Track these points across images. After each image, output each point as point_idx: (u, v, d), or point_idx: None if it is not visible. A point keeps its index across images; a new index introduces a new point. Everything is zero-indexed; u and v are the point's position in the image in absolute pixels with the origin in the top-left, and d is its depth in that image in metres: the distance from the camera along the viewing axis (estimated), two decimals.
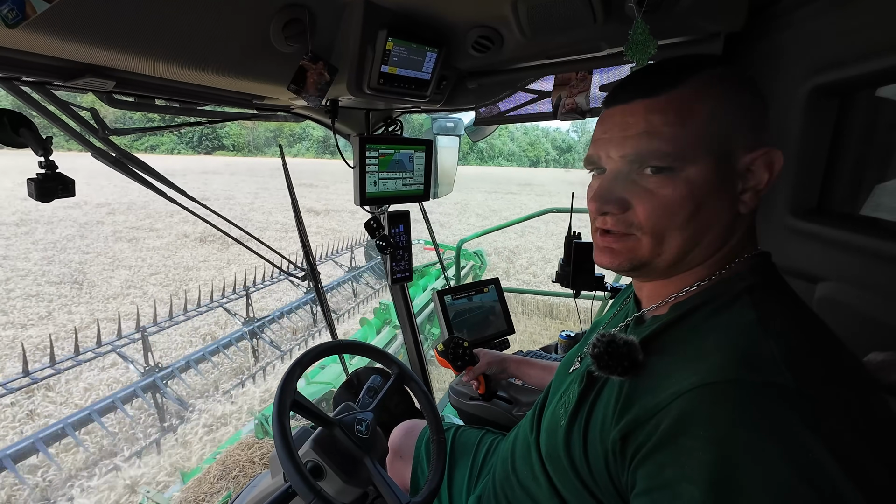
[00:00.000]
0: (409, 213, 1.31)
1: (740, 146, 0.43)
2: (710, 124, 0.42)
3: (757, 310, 0.41)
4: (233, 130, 45.46)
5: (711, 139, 0.42)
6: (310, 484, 0.59)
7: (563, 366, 0.66)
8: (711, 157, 0.42)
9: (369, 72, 0.83)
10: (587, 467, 0.47)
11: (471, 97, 1.12)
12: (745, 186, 0.44)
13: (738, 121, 0.43)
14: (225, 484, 2.57)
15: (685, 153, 0.42)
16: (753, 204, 0.44)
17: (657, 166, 0.43)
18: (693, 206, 0.43)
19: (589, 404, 0.49)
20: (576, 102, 0.94)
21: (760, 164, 0.43)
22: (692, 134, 0.42)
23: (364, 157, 1.05)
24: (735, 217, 0.45)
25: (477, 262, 6.04)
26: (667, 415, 0.38)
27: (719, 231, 0.45)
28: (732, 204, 0.44)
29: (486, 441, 0.88)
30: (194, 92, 0.86)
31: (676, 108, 0.43)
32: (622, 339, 0.44)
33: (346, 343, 0.85)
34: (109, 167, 0.92)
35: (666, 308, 0.48)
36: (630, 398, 0.43)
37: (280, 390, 0.66)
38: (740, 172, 0.43)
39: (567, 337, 1.41)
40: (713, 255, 0.46)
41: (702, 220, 0.43)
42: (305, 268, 1.43)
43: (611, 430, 0.43)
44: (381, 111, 1.23)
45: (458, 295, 1.30)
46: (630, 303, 0.58)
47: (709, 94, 0.43)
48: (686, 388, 0.37)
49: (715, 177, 0.42)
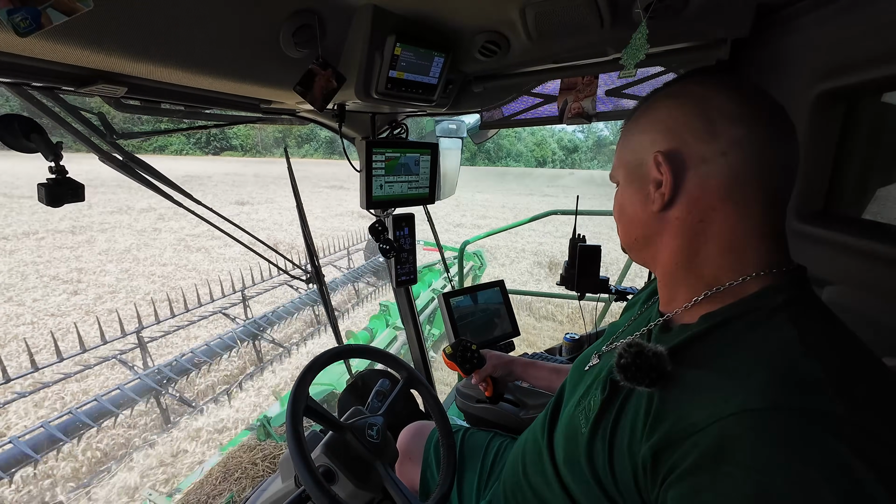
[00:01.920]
0: (413, 215, 1.32)
1: (648, 153, 0.49)
2: (628, 141, 0.53)
3: (797, 326, 0.40)
4: (241, 131, 45.37)
5: (628, 153, 0.53)
6: (324, 489, 0.59)
7: (578, 364, 0.66)
8: (625, 167, 0.53)
9: (377, 77, 0.84)
10: (612, 478, 0.46)
11: (476, 101, 1.13)
12: (655, 188, 0.49)
13: (647, 133, 0.50)
14: (227, 486, 2.58)
15: (616, 170, 0.56)
16: (659, 203, 0.48)
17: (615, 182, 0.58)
18: (619, 206, 0.56)
19: (614, 414, 0.48)
20: (582, 107, 0.94)
21: (660, 169, 0.48)
22: (621, 154, 0.55)
23: (370, 160, 1.05)
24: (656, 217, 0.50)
25: (476, 263, 6.05)
26: (705, 437, 0.37)
27: (644, 228, 0.52)
28: (645, 204, 0.50)
29: (494, 444, 0.89)
30: (202, 96, 0.86)
31: (622, 136, 0.55)
32: (651, 349, 0.44)
33: (355, 347, 0.85)
34: (116, 171, 0.92)
35: (695, 316, 0.47)
36: (661, 412, 0.42)
37: (293, 396, 0.67)
38: (650, 176, 0.49)
39: (572, 339, 1.41)
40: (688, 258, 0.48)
41: (626, 217, 0.54)
42: (310, 270, 1.43)
43: (641, 445, 0.42)
44: (386, 115, 1.23)
45: (463, 297, 1.31)
46: (653, 307, 0.58)
47: (636, 119, 0.53)
48: (727, 411, 0.36)
49: (627, 183, 0.53)
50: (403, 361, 0.89)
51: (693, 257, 0.48)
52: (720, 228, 0.46)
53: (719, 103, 0.45)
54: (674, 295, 0.51)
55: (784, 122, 0.45)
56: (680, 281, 0.50)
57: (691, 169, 0.46)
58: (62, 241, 8.62)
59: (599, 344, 0.65)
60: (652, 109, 0.51)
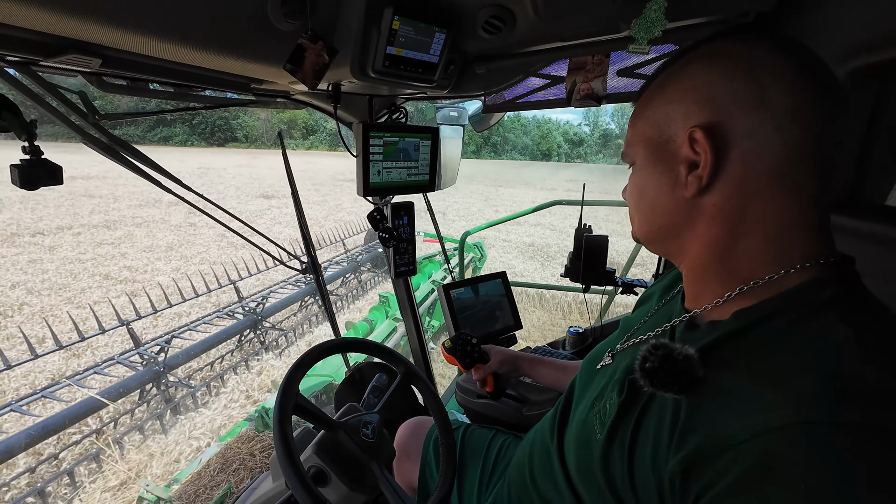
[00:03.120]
0: (413, 204, 1.27)
1: (679, 128, 0.42)
2: (651, 113, 0.46)
3: (851, 326, 0.35)
4: (246, 122, 45.06)
5: (649, 127, 0.45)
6: (313, 495, 0.55)
7: (590, 362, 0.61)
8: (646, 145, 0.46)
9: (374, 53, 0.78)
10: (632, 492, 0.42)
11: (479, 83, 1.07)
12: (688, 170, 0.42)
13: (676, 103, 0.43)
14: (225, 477, 2.57)
15: (632, 147, 0.49)
16: (694, 187, 0.41)
17: (630, 163, 0.51)
18: (638, 191, 0.49)
19: (634, 420, 0.43)
20: (591, 88, 0.89)
21: (696, 147, 0.41)
22: (638, 126, 0.47)
23: (367, 145, 1.00)
24: (683, 203, 0.43)
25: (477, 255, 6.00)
26: (746, 453, 0.32)
27: (671, 216, 0.45)
28: (673, 188, 0.44)
29: (497, 442, 0.85)
30: (189, 74, 0.81)
31: (639, 107, 0.48)
32: (681, 352, 0.39)
33: (349, 341, 0.81)
34: (100, 154, 0.87)
35: (726, 313, 0.42)
36: (692, 421, 0.37)
37: (281, 393, 0.62)
38: (680, 156, 0.42)
39: (576, 332, 1.37)
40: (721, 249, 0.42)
41: (647, 203, 0.48)
42: (306, 260, 1.39)
43: (668, 458, 0.37)
44: (385, 97, 1.18)
45: (463, 289, 1.26)
46: (676, 301, 0.53)
47: (662, 85, 0.45)
48: (773, 424, 0.32)
49: (649, 163, 0.46)
50: (401, 355, 0.84)
51: (729, 249, 0.42)
52: (764, 216, 0.40)
53: (772, 65, 0.38)
54: (703, 290, 0.45)
55: (841, 91, 0.39)
56: (711, 275, 0.44)
57: (735, 146, 0.39)
58: (100, 237, 8.09)
59: (612, 341, 0.60)
60: (683, 73, 0.43)
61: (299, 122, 47.26)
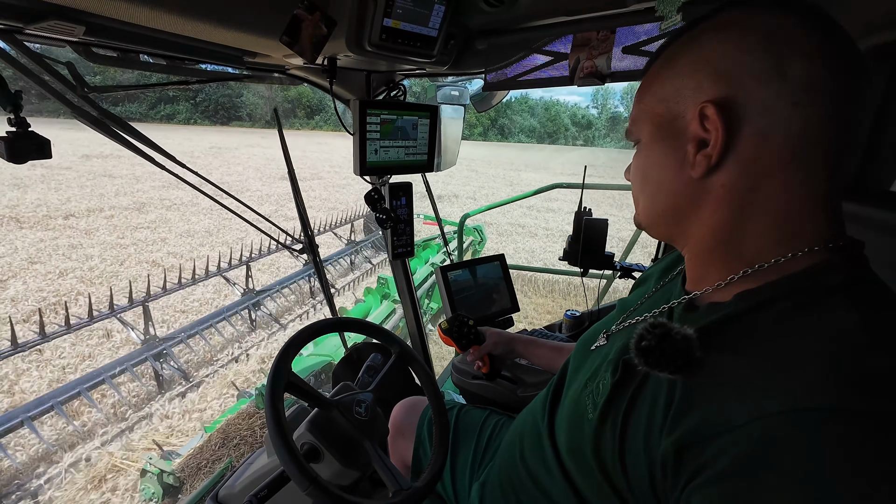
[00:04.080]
0: (411, 184, 1.25)
1: (689, 104, 0.40)
2: (659, 88, 0.43)
3: (858, 312, 0.33)
4: (250, 100, 44.35)
5: (657, 103, 0.43)
6: (306, 472, 0.56)
7: (584, 343, 0.60)
8: (653, 122, 0.44)
9: (370, 25, 0.75)
10: (622, 473, 0.41)
11: (480, 59, 1.04)
12: (697, 149, 0.40)
13: (686, 77, 0.40)
14: (226, 451, 2.62)
15: (637, 124, 0.46)
16: (703, 168, 0.39)
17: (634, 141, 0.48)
18: (642, 171, 0.47)
19: (627, 400, 0.42)
20: (595, 65, 0.86)
21: (699, 121, 0.39)
22: (644, 102, 0.45)
23: (364, 123, 0.98)
24: (690, 183, 0.41)
25: (476, 238, 5.98)
26: (743, 437, 0.31)
27: (678, 198, 0.43)
28: (680, 168, 0.42)
29: (490, 422, 0.86)
30: (179, 45, 0.79)
31: (647, 82, 0.45)
32: (680, 331, 0.38)
33: (343, 321, 0.81)
34: (90, 127, 0.85)
35: (728, 294, 0.40)
36: (687, 403, 0.36)
37: (273, 371, 0.62)
38: (689, 134, 0.40)
39: (572, 316, 1.37)
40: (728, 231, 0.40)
41: (652, 184, 0.46)
42: (304, 241, 1.38)
43: (660, 439, 0.37)
44: (382, 73, 1.15)
45: (461, 271, 1.26)
46: (675, 282, 0.51)
47: (671, 58, 0.42)
48: (773, 408, 0.31)
49: (655, 142, 0.44)
50: (396, 336, 0.84)
51: (736, 231, 0.40)
52: (774, 197, 0.38)
53: (790, 35, 0.35)
54: (705, 273, 0.44)
55: (864, 65, 0.36)
56: (715, 258, 0.42)
57: (748, 123, 0.37)
58: (134, 220, 7.65)
59: (608, 322, 0.59)
60: (695, 45, 0.40)
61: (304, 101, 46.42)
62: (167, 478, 2.23)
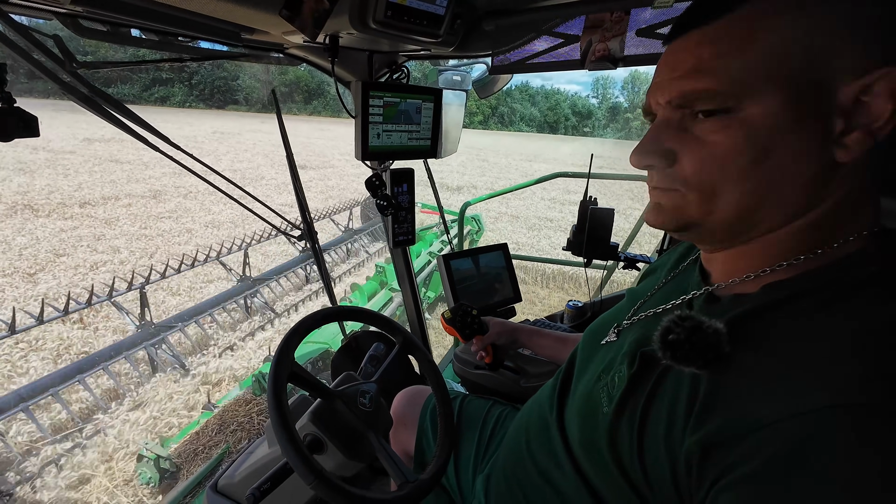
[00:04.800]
0: (413, 171, 1.22)
1: (843, 70, 0.32)
2: (783, 48, 0.33)
3: (892, 305, 0.32)
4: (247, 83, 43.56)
5: (785, 67, 0.33)
6: (311, 466, 0.54)
7: (593, 335, 0.58)
8: (786, 89, 0.33)
9: (375, 1, 0.72)
10: (641, 470, 0.40)
11: (487, 41, 1.00)
12: (850, 125, 0.32)
13: (836, 38, 0.32)
14: (223, 437, 2.62)
15: (743, 89, 0.34)
16: (863, 147, 0.32)
17: (707, 109, 0.36)
18: (753, 153, 0.35)
19: (646, 394, 0.40)
20: (608, 48, 0.83)
21: (878, 91, 0.31)
22: (754, 63, 0.33)
23: (367, 105, 0.95)
24: (828, 167, 0.34)
25: (474, 227, 5.96)
26: (775, 437, 0.30)
27: (801, 185, 0.35)
28: (823, 149, 0.33)
29: (494, 413, 0.84)
30: (172, 18, 0.74)
31: (735, 33, 0.34)
32: (711, 325, 0.36)
33: (346, 309, 0.79)
34: (80, 105, 0.81)
35: (755, 286, 0.38)
36: (713, 399, 0.34)
37: (276, 361, 0.61)
38: (842, 106, 0.32)
39: (574, 307, 1.36)
40: (799, 219, 0.36)
41: (769, 170, 0.35)
42: (302, 227, 1.35)
43: (684, 437, 0.35)
44: (385, 54, 1.11)
45: (463, 260, 1.24)
46: (691, 272, 0.49)
47: (786, 7, 0.33)
48: (807, 406, 0.29)
49: (790, 115, 0.33)
50: (399, 325, 0.83)
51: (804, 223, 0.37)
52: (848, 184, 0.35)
53: None
54: (736, 265, 0.41)
55: None
56: (755, 251, 0.40)
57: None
58: (153, 209, 7.34)
59: (616, 313, 0.57)
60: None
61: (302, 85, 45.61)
62: (163, 463, 2.23)
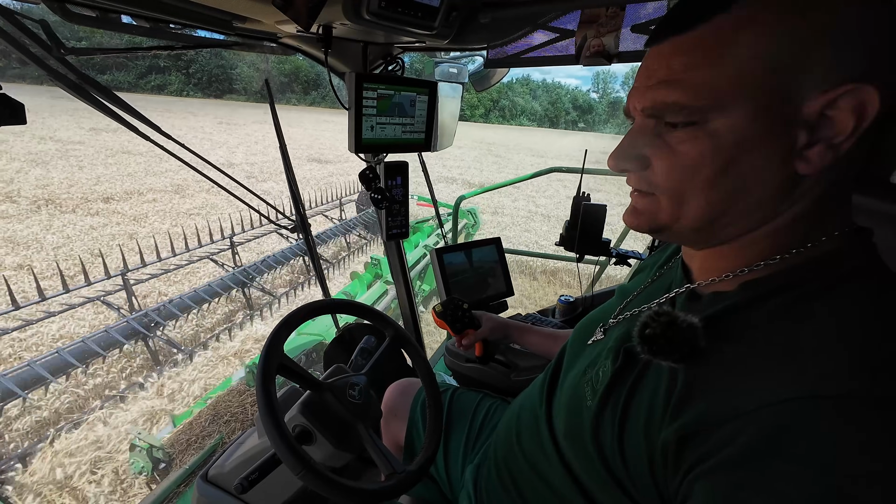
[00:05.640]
0: (407, 164, 1.22)
1: (810, 85, 0.32)
2: (752, 61, 0.33)
3: (871, 299, 0.33)
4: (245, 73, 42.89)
5: (753, 80, 0.33)
6: (298, 456, 0.55)
7: (582, 331, 0.59)
8: (752, 102, 0.34)
9: None
10: (621, 459, 0.41)
11: (483, 34, 1.00)
12: (813, 138, 0.33)
13: (805, 53, 0.32)
14: (216, 427, 2.63)
15: (710, 103, 0.35)
16: (824, 161, 0.33)
17: (675, 122, 0.37)
18: (719, 163, 0.36)
19: (627, 387, 0.42)
20: (603, 44, 0.83)
21: (842, 106, 0.32)
22: (723, 77, 0.34)
23: (360, 97, 0.94)
24: (791, 178, 0.35)
25: (470, 221, 5.96)
26: (752, 425, 0.30)
27: (765, 194, 0.36)
28: (784, 162, 0.34)
29: (484, 405, 0.86)
30: (162, 4, 0.73)
31: (706, 45, 0.35)
32: (685, 320, 0.37)
33: (337, 302, 0.79)
34: (68, 93, 0.80)
35: (733, 284, 0.40)
36: (690, 391, 0.36)
37: (265, 353, 0.61)
38: (807, 120, 0.33)
39: (566, 301, 1.37)
40: (769, 223, 0.38)
41: (733, 180, 0.36)
42: (295, 219, 1.34)
43: (661, 427, 0.36)
44: (380, 46, 1.10)
45: (456, 254, 1.24)
46: (675, 271, 0.50)
47: (757, 22, 0.33)
48: (786, 395, 0.30)
49: (755, 127, 0.34)
50: (390, 318, 0.83)
51: (773, 228, 0.38)
52: (820, 190, 0.35)
53: None
54: (714, 264, 0.43)
55: None
56: (732, 252, 0.41)
57: None
58: (179, 205, 7.05)
59: (605, 309, 0.59)
60: (794, 9, 0.32)
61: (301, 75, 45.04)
62: (156, 452, 2.23)
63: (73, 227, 5.73)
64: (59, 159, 9.44)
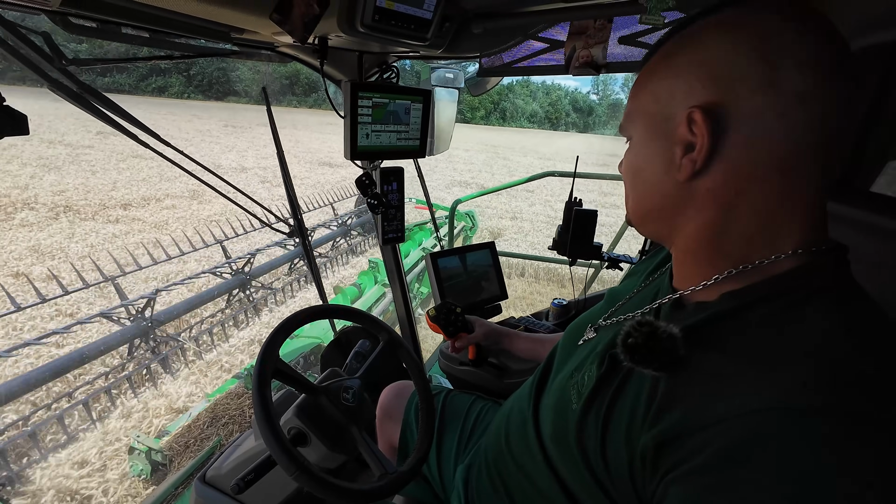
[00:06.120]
0: (402, 169, 1.24)
1: (680, 106, 0.40)
2: (654, 86, 0.43)
3: (841, 314, 0.34)
4: (245, 76, 42.86)
5: (651, 101, 0.43)
6: (293, 458, 0.56)
7: (571, 335, 0.61)
8: (645, 120, 0.44)
9: (363, 5, 0.73)
10: (603, 462, 0.43)
11: (476, 44, 1.02)
12: (683, 152, 0.40)
13: (681, 78, 0.40)
14: (214, 430, 2.64)
15: (631, 121, 0.46)
16: (688, 172, 0.40)
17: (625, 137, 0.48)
18: (633, 169, 0.47)
19: (611, 393, 0.43)
20: (591, 55, 0.85)
21: (687, 125, 0.39)
22: (639, 101, 0.44)
23: (356, 105, 0.96)
24: (681, 185, 0.41)
25: (468, 224, 5.98)
26: (724, 433, 0.31)
27: (664, 199, 0.43)
28: (668, 172, 0.42)
29: (476, 407, 0.87)
30: (163, 19, 0.75)
31: (642, 78, 0.45)
32: (665, 330, 0.38)
33: (331, 308, 0.81)
34: (69, 102, 0.82)
35: (715, 294, 0.41)
36: (670, 399, 0.37)
37: (260, 358, 0.63)
38: (680, 137, 0.40)
39: (559, 305, 1.39)
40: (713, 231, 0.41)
41: (641, 183, 0.46)
42: (292, 223, 1.36)
43: (641, 433, 0.38)
44: (375, 55, 1.12)
45: (451, 258, 1.26)
46: (664, 279, 0.52)
47: (668, 54, 0.42)
48: (758, 405, 0.31)
49: (647, 140, 0.44)
50: (384, 323, 0.85)
51: (721, 234, 0.41)
52: (760, 201, 0.38)
53: (790, 43, 0.35)
54: (692, 272, 0.45)
55: (858, 71, 0.37)
56: (701, 258, 0.43)
57: (735, 129, 0.37)
58: (199, 211, 6.97)
59: (595, 312, 0.60)
60: (692, 44, 0.40)
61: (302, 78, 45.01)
62: (155, 455, 2.24)
63: (96, 236, 5.64)
64: (71, 164, 9.38)
